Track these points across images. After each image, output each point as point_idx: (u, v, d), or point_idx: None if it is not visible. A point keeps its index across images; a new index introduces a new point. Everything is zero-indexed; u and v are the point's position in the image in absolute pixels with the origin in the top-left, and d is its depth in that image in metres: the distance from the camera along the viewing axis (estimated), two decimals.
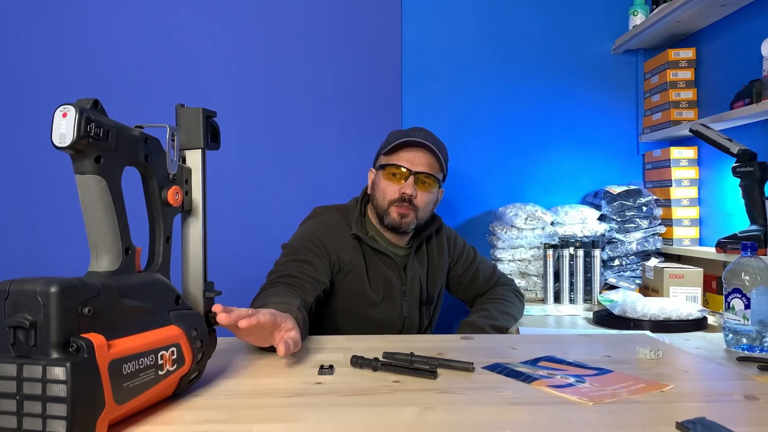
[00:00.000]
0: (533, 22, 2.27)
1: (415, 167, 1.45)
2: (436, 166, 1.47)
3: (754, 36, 1.74)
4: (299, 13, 2.20)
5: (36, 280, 0.60)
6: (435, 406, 0.76)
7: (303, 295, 1.24)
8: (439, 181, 1.51)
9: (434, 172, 1.47)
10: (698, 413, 0.71)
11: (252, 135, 2.18)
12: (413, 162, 1.45)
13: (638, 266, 2.03)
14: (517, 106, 2.27)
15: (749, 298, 1.12)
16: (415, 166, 1.45)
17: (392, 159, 1.46)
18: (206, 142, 0.84)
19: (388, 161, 1.47)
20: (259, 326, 0.89)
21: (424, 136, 1.46)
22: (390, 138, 1.51)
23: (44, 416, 0.57)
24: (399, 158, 1.45)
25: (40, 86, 2.13)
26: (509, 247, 2.04)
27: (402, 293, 1.52)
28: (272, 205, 2.19)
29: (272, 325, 0.92)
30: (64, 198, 2.10)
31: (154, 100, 2.13)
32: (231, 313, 0.84)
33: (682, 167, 2.04)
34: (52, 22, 2.14)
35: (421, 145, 1.44)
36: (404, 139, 1.44)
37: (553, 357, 1.02)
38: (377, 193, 1.49)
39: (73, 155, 0.66)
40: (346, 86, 2.21)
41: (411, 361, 0.95)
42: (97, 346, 0.60)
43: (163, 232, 0.79)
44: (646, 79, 2.25)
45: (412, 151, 1.45)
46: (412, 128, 1.52)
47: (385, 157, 1.48)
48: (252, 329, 0.89)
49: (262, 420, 0.71)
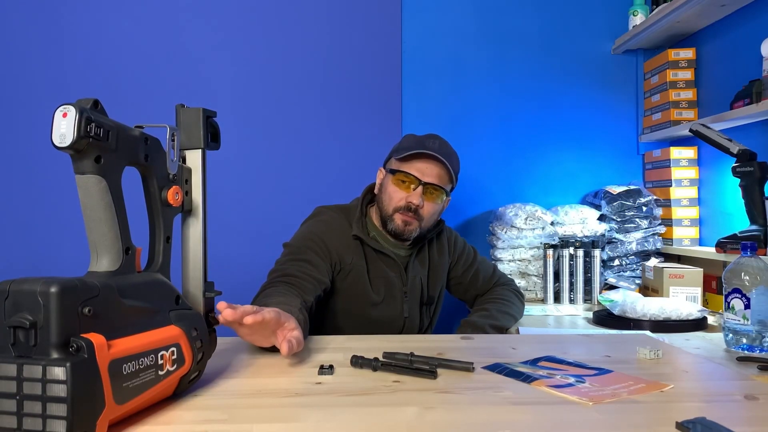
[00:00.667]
0: (533, 22, 2.27)
1: (425, 177, 1.44)
2: (445, 177, 1.47)
3: (754, 36, 1.74)
4: (299, 13, 2.20)
5: (36, 280, 0.60)
6: (435, 406, 0.76)
7: (303, 294, 1.24)
8: (447, 192, 1.51)
9: (443, 184, 1.47)
10: (698, 413, 0.71)
11: (252, 135, 2.18)
12: (424, 172, 1.45)
13: (638, 266, 2.03)
14: (517, 106, 2.27)
15: (749, 298, 1.12)
16: (426, 176, 1.45)
17: (403, 166, 1.46)
18: (206, 142, 0.84)
19: (399, 167, 1.47)
20: (263, 323, 0.89)
21: (438, 147, 1.46)
22: (404, 143, 1.51)
23: (44, 416, 0.57)
24: (410, 167, 1.45)
25: (40, 86, 2.13)
26: (509, 247, 2.04)
27: (403, 294, 1.52)
28: (272, 204, 2.19)
29: (276, 323, 0.93)
30: (64, 198, 2.10)
31: (154, 100, 2.13)
32: (236, 310, 0.85)
33: (682, 167, 2.04)
34: (52, 23, 2.14)
35: (434, 157, 1.44)
36: (418, 151, 1.44)
37: (553, 357, 1.02)
38: (384, 196, 1.49)
39: (73, 155, 0.66)
40: (346, 86, 2.21)
41: (411, 361, 0.95)
42: (97, 346, 0.60)
43: (163, 232, 0.79)
44: (646, 79, 2.25)
45: (424, 161, 1.45)
46: (428, 136, 1.50)
47: (397, 163, 1.48)
48: (256, 326, 0.89)
49: (262, 420, 0.71)
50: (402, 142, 1.53)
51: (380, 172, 1.56)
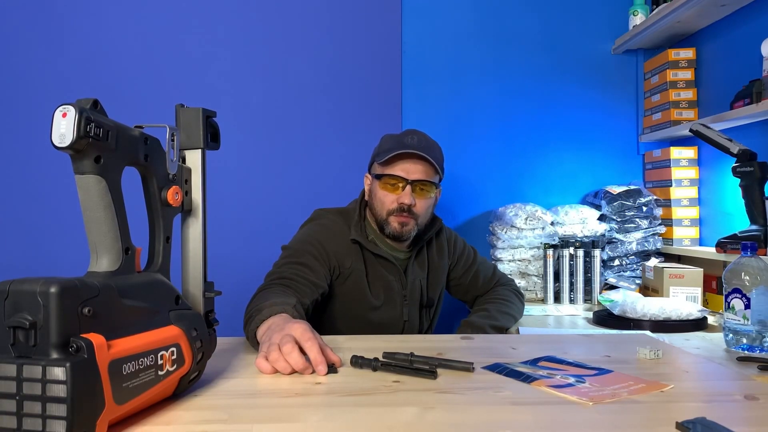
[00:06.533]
0: (533, 22, 2.27)
1: (411, 176, 1.44)
2: (431, 171, 1.46)
3: (754, 36, 1.74)
4: (299, 13, 2.20)
5: (36, 280, 0.60)
6: (435, 406, 0.76)
7: (300, 297, 1.23)
8: (436, 184, 1.50)
9: (430, 178, 1.46)
10: (698, 413, 0.71)
11: (252, 135, 2.18)
12: (409, 171, 1.44)
13: (638, 266, 2.03)
14: (517, 106, 2.27)
15: (749, 298, 1.12)
16: (412, 174, 1.44)
17: (388, 169, 1.45)
18: (206, 142, 0.84)
19: (383, 171, 1.46)
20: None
21: (417, 142, 1.44)
22: (384, 145, 1.49)
23: (44, 416, 0.57)
24: (395, 168, 1.44)
25: (40, 86, 2.13)
26: (509, 247, 2.04)
27: (402, 297, 1.52)
28: (272, 204, 2.19)
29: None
30: (64, 198, 2.10)
31: (154, 100, 2.13)
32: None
33: (682, 167, 2.04)
34: (52, 22, 2.14)
35: (416, 154, 1.43)
36: (399, 151, 1.43)
37: (553, 357, 1.02)
38: (375, 203, 1.49)
39: (73, 155, 0.66)
40: (346, 86, 2.21)
41: (411, 361, 0.94)
42: (97, 346, 0.60)
43: (163, 232, 0.79)
44: (646, 79, 2.25)
45: (407, 160, 1.44)
46: (405, 133, 1.49)
47: (381, 167, 1.47)
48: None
49: (262, 420, 0.71)
50: (381, 144, 1.52)
51: (366, 178, 1.55)
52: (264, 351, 0.92)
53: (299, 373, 0.89)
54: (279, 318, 1.03)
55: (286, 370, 0.89)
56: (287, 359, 0.88)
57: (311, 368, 0.90)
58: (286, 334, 0.92)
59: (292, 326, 0.95)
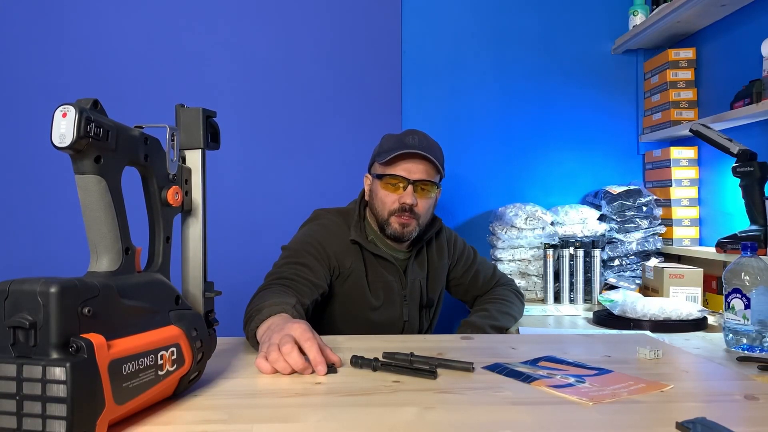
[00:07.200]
0: (533, 22, 2.27)
1: (413, 176, 1.44)
2: (433, 171, 1.46)
3: (754, 36, 1.74)
4: (299, 13, 2.20)
5: (36, 280, 0.60)
6: (435, 406, 0.76)
7: (299, 297, 1.23)
8: (437, 184, 1.50)
9: (432, 178, 1.46)
10: (698, 413, 0.71)
11: (252, 135, 2.18)
12: (411, 171, 1.44)
13: (638, 266, 2.03)
14: (517, 106, 2.27)
15: (749, 298, 1.12)
16: (413, 174, 1.44)
17: (389, 169, 1.45)
18: (206, 142, 0.84)
19: (385, 171, 1.46)
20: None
21: (418, 142, 1.44)
22: (385, 145, 1.49)
23: (44, 416, 0.57)
24: (396, 168, 1.44)
25: (40, 86, 2.13)
26: (509, 247, 2.04)
27: (402, 297, 1.52)
28: (272, 204, 2.19)
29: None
30: (64, 198, 2.10)
31: (154, 100, 2.13)
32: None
33: (682, 167, 2.04)
34: (51, 22, 2.14)
35: (418, 154, 1.43)
36: (401, 151, 1.43)
37: (553, 357, 1.02)
38: (376, 203, 1.48)
39: (73, 155, 0.66)
40: (346, 86, 2.21)
41: (411, 361, 0.94)
42: (97, 347, 0.60)
43: (162, 232, 0.79)
44: (646, 79, 2.25)
45: (408, 160, 1.44)
46: (406, 132, 1.49)
47: (382, 167, 1.46)
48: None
49: (262, 420, 0.71)
50: (382, 144, 1.51)
51: (366, 178, 1.55)
52: (264, 351, 0.92)
53: (299, 373, 0.89)
54: (279, 318, 1.03)
55: (285, 370, 0.89)
56: (287, 359, 0.88)
57: (311, 368, 0.90)
58: (285, 334, 0.92)
59: (291, 326, 0.95)
